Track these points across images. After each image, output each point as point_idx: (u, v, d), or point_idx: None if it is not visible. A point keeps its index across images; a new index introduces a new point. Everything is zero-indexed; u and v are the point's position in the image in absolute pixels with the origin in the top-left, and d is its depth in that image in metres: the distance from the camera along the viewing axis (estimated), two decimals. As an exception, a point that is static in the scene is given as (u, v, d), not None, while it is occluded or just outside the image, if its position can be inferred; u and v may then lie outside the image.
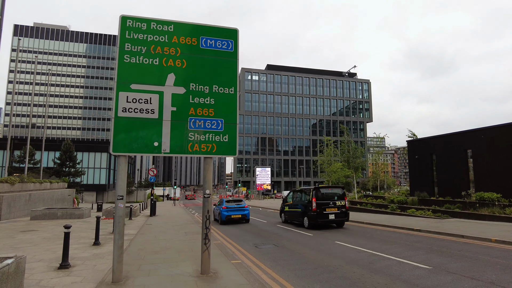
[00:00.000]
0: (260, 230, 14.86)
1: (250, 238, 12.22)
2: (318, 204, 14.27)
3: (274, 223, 17.67)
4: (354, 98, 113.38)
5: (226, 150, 6.74)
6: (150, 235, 12.79)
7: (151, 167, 23.46)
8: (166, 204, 51.18)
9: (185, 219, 20.63)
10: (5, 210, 20.90)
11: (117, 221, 6.12)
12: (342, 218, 14.58)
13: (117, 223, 6.11)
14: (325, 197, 14.71)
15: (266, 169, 77.80)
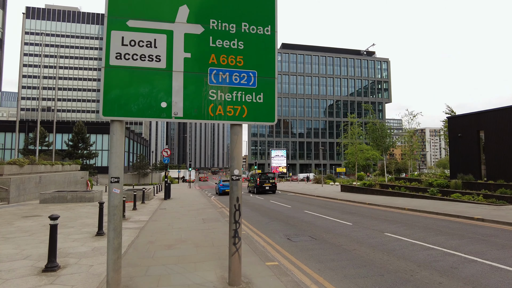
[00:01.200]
0: (286, 216, 13.10)
1: (278, 227, 10.46)
2: (260, 181, 29.63)
3: (299, 209, 15.89)
4: (373, 77, 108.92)
5: (261, 114, 4.83)
6: (163, 222, 11.20)
7: (165, 148, 21.90)
8: (182, 186, 50.22)
9: (202, 202, 19.10)
10: (13, 193, 19.83)
11: (112, 213, 4.36)
12: (273, 189, 29.90)
13: (112, 216, 4.35)
14: (264, 178, 30.38)
15: (282, 152, 75.90)
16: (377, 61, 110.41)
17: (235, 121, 4.74)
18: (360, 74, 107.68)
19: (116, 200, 4.35)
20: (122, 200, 4.40)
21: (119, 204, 4.37)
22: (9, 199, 19.42)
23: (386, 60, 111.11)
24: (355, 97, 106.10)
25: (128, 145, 65.16)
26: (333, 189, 32.19)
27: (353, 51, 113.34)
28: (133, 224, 10.97)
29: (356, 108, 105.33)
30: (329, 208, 15.66)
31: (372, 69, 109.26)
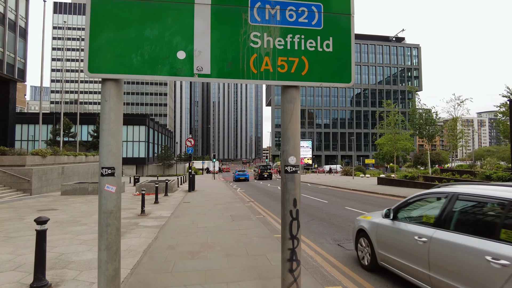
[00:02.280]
0: (327, 214, 11.37)
1: (321, 228, 8.78)
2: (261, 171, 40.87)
3: (338, 204, 14.11)
4: (402, 65, 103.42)
5: (330, 71, 3.13)
6: (186, 220, 9.79)
7: (189, 137, 20.62)
8: (206, 177, 49.40)
9: (228, 195, 17.69)
10: (36, 184, 19.26)
11: (104, 224, 2.81)
12: (269, 176, 40.12)
13: (104, 228, 2.81)
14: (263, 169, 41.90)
15: (307, 143, 73.54)
16: (407, 48, 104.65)
17: (290, 82, 3.07)
18: (389, 62, 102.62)
19: (111, 203, 2.82)
20: (119, 203, 2.85)
21: (116, 210, 2.84)
22: (31, 190, 18.86)
23: (417, 46, 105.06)
24: (383, 85, 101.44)
25: (153, 136, 65.18)
26: (367, 181, 29.99)
27: (381, 37, 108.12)
28: (152, 221, 9.63)
29: (384, 97, 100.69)
30: (373, 204, 13.78)
31: (401, 56, 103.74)
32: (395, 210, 4.72)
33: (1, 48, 26.36)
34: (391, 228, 4.58)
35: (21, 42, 28.99)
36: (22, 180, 18.76)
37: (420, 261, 3.82)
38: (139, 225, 8.99)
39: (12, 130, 28.52)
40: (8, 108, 27.85)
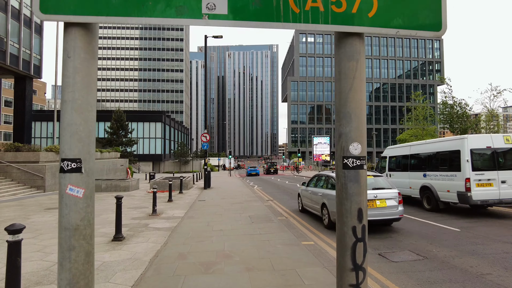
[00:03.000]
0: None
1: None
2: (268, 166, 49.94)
3: None
4: (423, 58, 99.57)
5: (411, 12, 2.01)
6: (201, 220, 8.86)
7: (204, 132, 19.76)
8: (222, 174, 48.70)
9: (245, 193, 16.71)
10: (49, 180, 18.83)
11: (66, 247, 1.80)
12: (275, 171, 48.90)
13: (66, 253, 1.80)
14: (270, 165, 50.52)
15: (325, 139, 71.87)
16: (428, 40, 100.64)
17: (351, 27, 1.98)
18: (409, 55, 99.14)
19: (76, 214, 1.83)
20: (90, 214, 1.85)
21: (84, 225, 1.85)
22: (45, 187, 18.45)
23: (439, 39, 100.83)
24: (403, 79, 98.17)
25: (169, 133, 65.06)
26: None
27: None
28: (163, 222, 8.74)
29: (405, 92, 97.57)
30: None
31: (422, 49, 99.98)
32: (306, 183, 10.71)
33: (17, 44, 26.22)
34: (304, 190, 10.53)
35: (36, 38, 28.84)
36: (35, 177, 18.37)
37: (314, 202, 9.26)
38: (148, 226, 8.11)
39: (29, 127, 28.47)
40: (25, 104, 27.76)
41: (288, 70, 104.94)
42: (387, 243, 6.58)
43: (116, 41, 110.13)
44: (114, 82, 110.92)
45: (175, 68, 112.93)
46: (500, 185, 9.24)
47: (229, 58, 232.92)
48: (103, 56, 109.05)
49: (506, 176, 9.34)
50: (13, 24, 25.96)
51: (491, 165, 9.49)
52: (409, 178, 12.19)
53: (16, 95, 27.93)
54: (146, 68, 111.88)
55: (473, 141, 9.65)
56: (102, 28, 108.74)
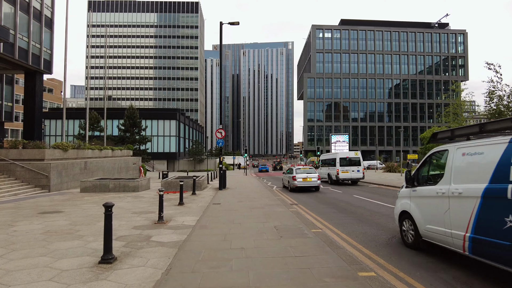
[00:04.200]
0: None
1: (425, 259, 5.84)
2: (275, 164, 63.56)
3: None
4: (446, 53, 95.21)
5: None
6: (216, 233, 7.16)
7: (219, 128, 18.09)
8: (237, 173, 47.12)
9: (265, 195, 14.96)
10: (55, 179, 17.59)
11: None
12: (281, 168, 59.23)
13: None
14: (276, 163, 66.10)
15: (343, 137, 69.17)
16: (451, 34, 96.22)
17: None
18: (431, 50, 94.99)
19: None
20: None
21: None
22: (50, 186, 17.21)
23: (463, 32, 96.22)
24: (424, 75, 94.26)
25: (184, 130, 64.02)
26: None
27: (422, 24, 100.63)
28: (170, 233, 7.08)
29: (426, 88, 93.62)
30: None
31: (445, 43, 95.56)
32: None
33: (26, 38, 25.28)
34: None
35: (47, 32, 27.90)
36: (40, 175, 17.16)
37: None
38: (151, 240, 6.47)
39: (39, 124, 27.55)
40: (35, 101, 26.84)
41: (304, 67, 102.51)
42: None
43: (130, 39, 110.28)
44: (129, 80, 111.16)
45: (190, 66, 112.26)
46: (351, 172, 23.01)
47: (244, 56, 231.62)
48: (118, 55, 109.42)
49: (353, 168, 23.01)
50: (22, 17, 25.02)
51: (347, 164, 23.24)
52: (324, 170, 26.81)
53: (26, 91, 27.06)
54: (161, 66, 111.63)
55: (340, 154, 23.86)
56: (117, 27, 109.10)
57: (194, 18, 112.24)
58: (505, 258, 3.90)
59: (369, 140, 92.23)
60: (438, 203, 5.27)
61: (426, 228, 5.54)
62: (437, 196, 5.30)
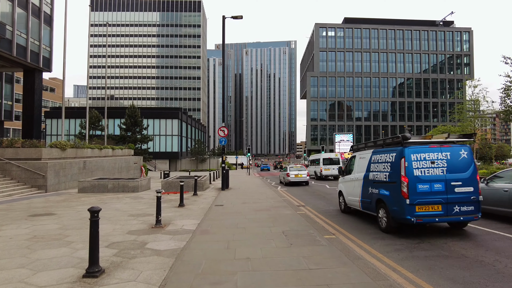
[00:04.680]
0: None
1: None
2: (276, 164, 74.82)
3: None
4: (451, 51, 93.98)
5: None
6: (218, 239, 6.48)
7: (221, 126, 17.42)
8: (240, 173, 46.46)
9: (269, 196, 14.27)
10: (52, 180, 16.98)
11: None
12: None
13: None
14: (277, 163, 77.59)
15: (347, 136, 68.47)
16: (457, 32, 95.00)
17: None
18: (435, 48, 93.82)
19: None
20: None
21: None
22: (46, 187, 16.60)
23: (468, 30, 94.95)
24: (429, 74, 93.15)
25: (186, 130, 63.44)
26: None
27: (426, 22, 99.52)
28: (168, 240, 6.40)
29: (430, 87, 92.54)
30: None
31: (450, 42, 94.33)
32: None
33: (24, 35, 24.72)
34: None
35: (46, 29, 27.35)
36: (36, 175, 16.56)
37: None
38: (146, 248, 5.79)
39: (38, 122, 27.01)
40: (34, 99, 26.32)
41: (307, 65, 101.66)
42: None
43: (133, 38, 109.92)
44: (132, 80, 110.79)
45: (192, 65, 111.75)
46: (332, 170, 26.73)
47: (246, 55, 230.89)
48: (120, 54, 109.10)
49: (334, 167, 26.62)
50: (20, 13, 24.47)
51: (329, 163, 27.53)
52: (311, 168, 31.11)
53: (25, 89, 26.55)
54: (164, 66, 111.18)
55: (324, 156, 28.73)
56: (120, 26, 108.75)
57: (196, 17, 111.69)
58: (370, 208, 8.10)
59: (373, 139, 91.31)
60: (351, 184, 9.45)
61: (347, 199, 9.79)
62: (351, 180, 9.49)
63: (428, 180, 6.61)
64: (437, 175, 6.63)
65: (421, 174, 6.61)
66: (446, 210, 6.57)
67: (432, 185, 6.59)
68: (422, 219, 6.48)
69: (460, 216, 6.63)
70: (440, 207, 6.56)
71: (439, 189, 6.58)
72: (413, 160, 6.67)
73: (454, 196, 6.59)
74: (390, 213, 6.96)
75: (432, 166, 6.66)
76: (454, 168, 6.71)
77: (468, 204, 6.65)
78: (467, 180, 6.67)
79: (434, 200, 6.56)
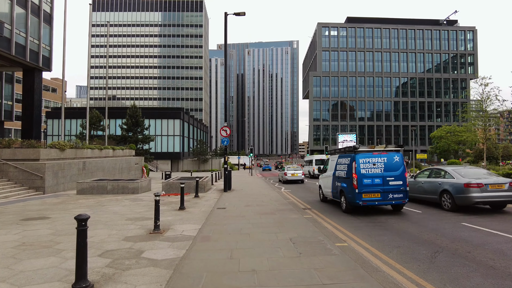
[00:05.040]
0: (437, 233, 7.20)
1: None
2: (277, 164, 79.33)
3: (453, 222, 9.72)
4: (454, 50, 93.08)
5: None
6: (220, 248, 5.99)
7: (224, 125, 16.95)
8: (242, 173, 45.99)
9: (273, 198, 13.76)
10: (50, 181, 16.56)
11: None
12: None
13: None
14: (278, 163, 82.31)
15: (351, 136, 67.79)
16: (460, 31, 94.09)
17: None
18: (439, 47, 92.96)
19: None
20: None
21: None
22: (44, 188, 16.18)
23: (472, 29, 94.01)
24: (432, 73, 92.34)
25: (188, 130, 63.02)
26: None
27: (430, 21, 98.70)
28: (166, 247, 5.91)
29: (434, 87, 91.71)
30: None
31: (453, 41, 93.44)
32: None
33: (24, 33, 24.35)
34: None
35: (46, 28, 26.98)
36: (34, 176, 16.14)
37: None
38: (142, 257, 5.31)
39: (38, 122, 26.65)
40: (34, 98, 25.95)
41: (310, 65, 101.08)
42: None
43: (134, 38, 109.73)
44: (134, 80, 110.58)
45: (194, 65, 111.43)
46: None
47: (248, 55, 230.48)
48: (122, 54, 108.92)
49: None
50: (19, 12, 24.09)
51: (321, 164, 27.43)
52: (306, 168, 34.00)
53: (25, 89, 26.19)
54: (166, 66, 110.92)
55: (316, 157, 32.98)
56: (121, 26, 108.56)
57: (198, 17, 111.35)
58: (336, 196, 10.85)
59: (376, 140, 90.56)
60: (326, 180, 12.06)
61: (324, 191, 12.49)
62: (326, 177, 12.19)
63: (371, 176, 9.45)
64: (377, 173, 9.46)
65: (366, 172, 9.43)
66: (383, 197, 9.44)
67: (373, 179, 9.43)
68: (366, 203, 9.38)
69: (392, 200, 9.55)
70: (379, 195, 9.44)
71: (378, 182, 9.43)
72: (361, 162, 9.44)
73: (389, 187, 9.43)
74: (347, 199, 9.87)
75: (374, 167, 9.46)
76: (389, 168, 9.51)
77: (399, 193, 9.51)
78: (398, 176, 9.51)
79: (374, 190, 9.40)
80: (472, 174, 10.23)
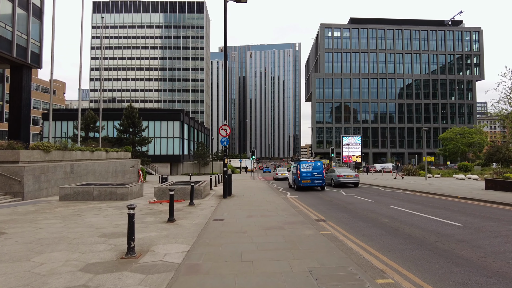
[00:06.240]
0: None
1: None
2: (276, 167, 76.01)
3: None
4: (460, 51, 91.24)
5: None
6: (212, 285, 4.20)
7: (223, 124, 15.20)
8: (244, 177, 44.16)
9: (280, 207, 11.98)
10: (30, 186, 14.84)
11: None
12: None
13: None
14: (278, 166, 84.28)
15: (355, 138, 65.85)
16: (466, 32, 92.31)
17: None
18: (444, 48, 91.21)
19: None
20: None
21: None
22: (23, 194, 14.45)
23: (478, 30, 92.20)
24: (437, 75, 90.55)
25: (189, 132, 61.32)
26: (460, 184, 22.80)
27: (435, 22, 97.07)
28: (135, 286, 4.15)
29: (439, 88, 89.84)
30: None
31: (459, 42, 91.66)
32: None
33: (10, 27, 22.77)
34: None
35: (35, 22, 25.39)
36: (12, 180, 14.42)
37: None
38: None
39: (26, 122, 24.98)
40: (21, 97, 24.31)
41: (313, 67, 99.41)
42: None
43: (136, 40, 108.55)
44: (135, 82, 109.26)
45: (195, 67, 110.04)
46: None
47: (250, 58, 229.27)
48: (123, 56, 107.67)
49: None
50: (5, 4, 22.53)
51: None
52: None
53: (12, 87, 24.55)
54: (167, 68, 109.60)
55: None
56: (123, 28, 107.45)
57: (199, 20, 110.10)
58: (293, 183, 23.41)
59: (380, 142, 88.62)
60: (290, 175, 24.25)
61: (290, 182, 24.21)
62: (291, 174, 24.19)
63: (306, 172, 20.67)
64: (309, 171, 20.66)
65: (303, 170, 20.65)
66: (312, 182, 20.52)
67: (307, 174, 20.61)
68: (303, 185, 20.54)
69: (317, 185, 20.71)
70: (310, 181, 20.51)
71: (309, 176, 20.56)
72: (302, 166, 20.81)
73: (314, 178, 20.55)
74: (295, 183, 21.50)
75: (307, 168, 20.77)
76: (315, 168, 20.75)
77: (320, 181, 20.65)
78: (319, 173, 20.64)
79: (307, 179, 20.54)
80: (342, 171, 24.58)
